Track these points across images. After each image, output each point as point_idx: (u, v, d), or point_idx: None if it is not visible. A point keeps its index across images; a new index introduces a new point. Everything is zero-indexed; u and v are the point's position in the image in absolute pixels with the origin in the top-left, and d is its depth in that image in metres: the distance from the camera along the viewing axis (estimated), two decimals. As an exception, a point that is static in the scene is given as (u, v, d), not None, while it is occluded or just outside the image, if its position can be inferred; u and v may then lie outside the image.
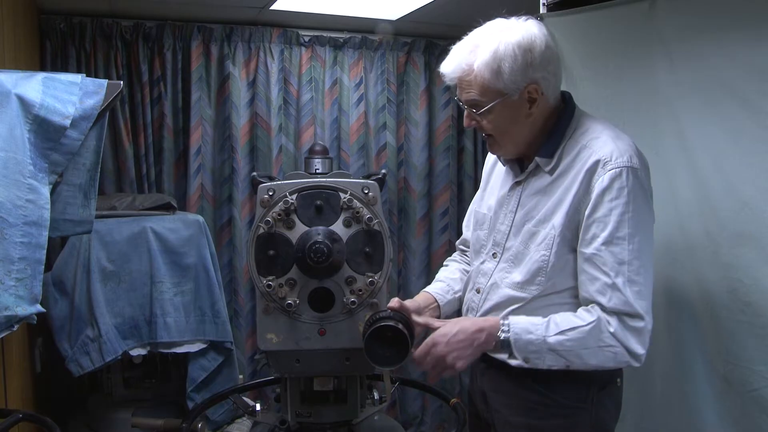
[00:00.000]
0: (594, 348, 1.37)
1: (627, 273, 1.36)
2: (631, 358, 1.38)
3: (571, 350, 1.38)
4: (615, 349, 1.37)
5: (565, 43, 2.20)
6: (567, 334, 1.38)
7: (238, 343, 3.09)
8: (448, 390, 3.51)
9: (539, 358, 1.40)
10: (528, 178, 1.51)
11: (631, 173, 1.37)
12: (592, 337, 1.37)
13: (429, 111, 3.51)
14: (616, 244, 1.36)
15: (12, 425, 1.67)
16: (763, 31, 1.64)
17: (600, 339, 1.37)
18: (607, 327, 1.37)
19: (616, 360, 1.39)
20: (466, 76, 1.42)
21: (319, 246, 1.67)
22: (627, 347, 1.37)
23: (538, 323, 1.40)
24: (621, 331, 1.36)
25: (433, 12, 2.93)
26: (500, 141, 1.49)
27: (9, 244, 1.27)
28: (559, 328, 1.38)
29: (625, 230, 1.36)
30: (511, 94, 1.41)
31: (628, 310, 1.37)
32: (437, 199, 3.56)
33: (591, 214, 1.38)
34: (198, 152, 3.12)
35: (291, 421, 1.88)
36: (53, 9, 2.86)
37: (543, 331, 1.39)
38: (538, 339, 1.39)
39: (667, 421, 1.93)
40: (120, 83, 1.55)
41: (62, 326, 2.37)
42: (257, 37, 3.17)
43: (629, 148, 1.40)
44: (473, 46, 1.42)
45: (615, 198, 1.36)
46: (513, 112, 1.44)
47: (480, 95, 1.42)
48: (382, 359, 1.53)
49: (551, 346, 1.38)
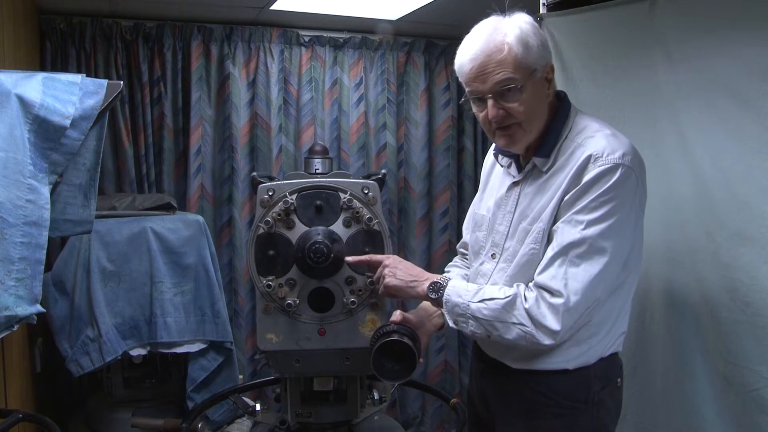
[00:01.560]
0: (507, 323, 1.39)
1: (571, 255, 1.35)
2: (544, 336, 1.36)
3: (489, 321, 1.40)
4: (525, 329, 1.37)
5: (565, 43, 2.20)
6: (486, 304, 1.41)
7: (238, 343, 3.09)
8: (448, 390, 3.51)
9: (465, 323, 1.44)
10: (525, 178, 1.51)
11: (621, 171, 1.35)
12: (506, 312, 1.39)
13: (429, 111, 3.50)
14: (574, 225, 1.35)
15: (12, 425, 1.67)
16: (763, 31, 1.64)
17: (512, 315, 1.38)
18: (523, 303, 1.37)
19: (526, 340, 1.38)
20: (498, 54, 1.38)
21: (319, 246, 1.67)
22: (541, 324, 1.35)
23: (470, 289, 1.45)
24: (536, 307, 1.36)
25: (433, 12, 2.93)
26: (528, 126, 1.44)
27: (9, 244, 1.28)
28: (482, 297, 1.42)
29: (592, 216, 1.34)
30: (539, 70, 1.41)
31: (550, 286, 1.35)
32: (437, 199, 3.56)
33: (570, 197, 1.37)
34: (198, 152, 3.12)
35: (291, 421, 1.88)
36: (53, 9, 2.86)
37: (470, 297, 1.43)
38: (464, 303, 1.43)
39: (667, 420, 1.93)
40: (120, 83, 1.55)
41: (62, 326, 2.37)
42: (257, 37, 3.17)
43: (623, 146, 1.38)
44: (493, 29, 1.40)
45: (597, 190, 1.34)
46: (541, 92, 1.43)
47: (514, 72, 1.38)
48: (390, 373, 1.55)
49: (473, 312, 1.42)
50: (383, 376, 1.55)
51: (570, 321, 1.36)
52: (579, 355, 1.44)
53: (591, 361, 1.46)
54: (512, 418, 1.52)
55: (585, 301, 1.36)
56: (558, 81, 2.19)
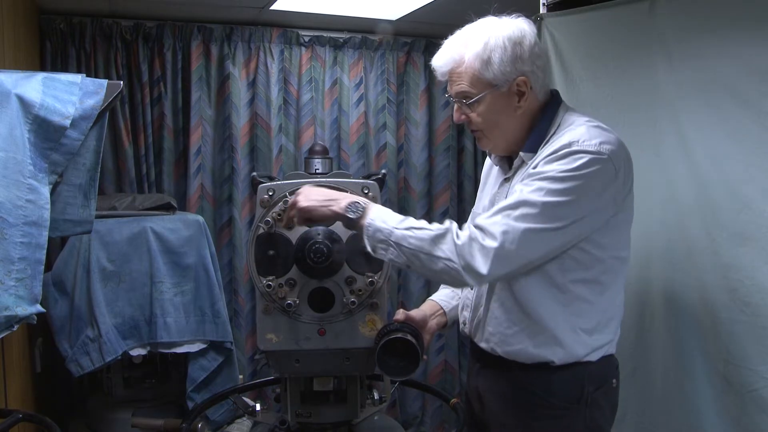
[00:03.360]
0: (432, 255, 1.34)
1: (520, 211, 1.32)
2: (469, 276, 1.33)
3: (413, 251, 1.35)
4: (451, 264, 1.33)
5: (565, 43, 2.20)
6: (413, 232, 1.36)
7: (238, 343, 3.09)
8: (448, 390, 3.51)
9: (385, 250, 1.38)
10: (514, 174, 1.52)
11: (594, 158, 1.32)
12: (434, 244, 1.34)
13: (429, 111, 3.50)
14: (534, 190, 1.32)
15: (12, 425, 1.67)
16: (763, 31, 1.64)
17: (439, 248, 1.34)
18: (454, 239, 1.33)
19: (450, 276, 1.35)
20: (457, 67, 1.44)
21: (319, 246, 1.67)
22: (468, 263, 1.32)
23: (396, 216, 1.40)
24: (468, 246, 1.32)
25: (433, 12, 2.93)
26: (489, 135, 1.49)
27: (9, 244, 1.27)
28: (409, 225, 1.37)
29: (554, 186, 1.31)
30: (500, 85, 1.42)
31: (487, 228, 1.32)
32: (437, 199, 3.56)
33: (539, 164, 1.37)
34: (198, 152, 3.12)
35: (291, 421, 1.88)
36: (53, 9, 2.86)
37: (395, 223, 1.38)
38: (387, 229, 1.38)
39: (667, 421, 1.93)
40: (120, 83, 1.55)
41: (62, 326, 2.37)
42: (257, 37, 3.17)
43: (604, 137, 1.35)
44: (464, 39, 1.45)
45: (567, 165, 1.32)
46: (502, 105, 1.45)
47: (470, 86, 1.43)
48: (395, 370, 1.56)
49: (397, 238, 1.37)
50: (388, 373, 1.56)
51: (499, 269, 1.32)
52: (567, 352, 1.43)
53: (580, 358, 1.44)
54: (507, 419, 1.52)
55: (518, 253, 1.32)
56: (558, 81, 2.21)
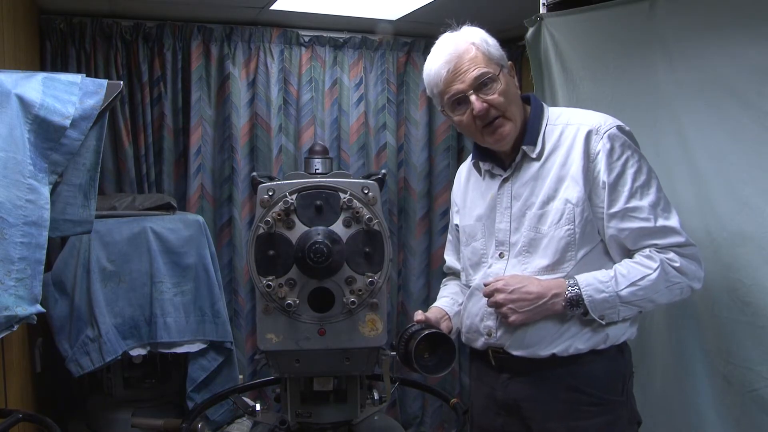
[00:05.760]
0: (663, 290, 1.45)
1: (660, 211, 1.47)
2: (694, 283, 1.48)
3: (644, 298, 1.45)
4: (681, 285, 1.47)
5: (565, 43, 2.19)
6: (638, 284, 1.44)
7: (238, 343, 3.09)
8: (448, 390, 3.51)
9: (614, 313, 1.46)
10: (515, 172, 1.54)
11: (621, 131, 1.49)
12: (662, 280, 1.44)
13: (429, 111, 3.50)
14: (643, 193, 1.46)
15: (12, 425, 1.67)
16: (763, 31, 1.64)
17: (668, 279, 1.45)
18: (672, 264, 1.45)
19: (682, 293, 1.49)
20: (467, 54, 1.49)
21: (319, 246, 1.67)
22: (692, 275, 1.47)
23: (606, 280, 1.45)
24: (684, 264, 1.46)
25: (433, 12, 2.93)
26: (510, 115, 1.51)
27: (9, 244, 1.28)
28: (628, 280, 1.44)
29: (642, 177, 1.47)
30: (504, 65, 1.52)
31: (679, 242, 1.46)
32: (437, 199, 3.56)
33: (608, 176, 1.46)
34: (198, 152, 3.12)
35: (291, 421, 1.88)
36: (53, 9, 2.86)
37: (614, 286, 1.44)
38: (611, 296, 1.44)
39: (667, 420, 1.93)
40: (120, 83, 1.55)
41: (62, 326, 2.37)
42: (257, 37, 3.17)
43: (609, 115, 1.52)
44: (454, 37, 1.53)
45: (620, 155, 1.46)
46: (512, 84, 1.53)
47: (486, 65, 1.49)
48: (431, 367, 1.55)
49: (624, 299, 1.44)
50: (426, 371, 1.54)
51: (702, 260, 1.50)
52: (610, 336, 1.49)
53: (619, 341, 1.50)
54: (551, 424, 1.50)
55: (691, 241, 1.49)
56: (558, 81, 2.21)
